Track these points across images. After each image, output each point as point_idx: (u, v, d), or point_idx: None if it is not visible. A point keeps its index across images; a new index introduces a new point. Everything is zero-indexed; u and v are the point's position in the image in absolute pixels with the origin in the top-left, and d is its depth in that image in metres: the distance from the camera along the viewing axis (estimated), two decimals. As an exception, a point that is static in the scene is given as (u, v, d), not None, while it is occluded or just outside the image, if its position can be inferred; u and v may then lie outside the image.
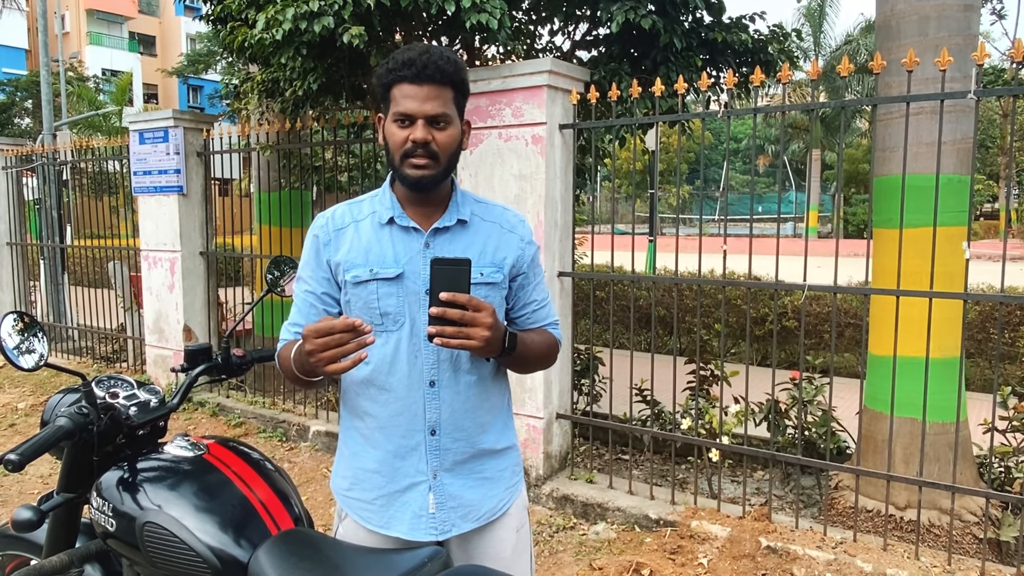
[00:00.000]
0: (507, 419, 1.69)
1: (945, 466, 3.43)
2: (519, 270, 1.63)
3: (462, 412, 1.57)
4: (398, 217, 1.55)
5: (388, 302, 1.53)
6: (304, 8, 3.73)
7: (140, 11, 42.82)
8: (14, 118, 27.98)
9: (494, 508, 1.64)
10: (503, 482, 1.66)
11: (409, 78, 1.45)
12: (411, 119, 1.47)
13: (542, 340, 1.65)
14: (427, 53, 1.46)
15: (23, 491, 4.29)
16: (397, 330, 1.54)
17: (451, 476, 1.58)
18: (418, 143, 1.46)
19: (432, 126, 1.47)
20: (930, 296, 3.14)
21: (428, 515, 1.57)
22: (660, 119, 3.88)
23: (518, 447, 1.73)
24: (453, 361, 1.56)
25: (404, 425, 1.56)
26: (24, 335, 1.59)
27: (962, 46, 3.38)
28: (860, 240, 20.81)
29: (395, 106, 1.48)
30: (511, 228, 1.64)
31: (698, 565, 3.26)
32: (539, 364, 1.68)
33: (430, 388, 1.55)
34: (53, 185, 7.82)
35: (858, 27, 28.35)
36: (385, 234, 1.55)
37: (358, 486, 1.61)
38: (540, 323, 1.68)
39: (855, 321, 7.05)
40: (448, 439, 1.57)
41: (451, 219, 1.57)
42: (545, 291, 1.71)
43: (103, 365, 7.02)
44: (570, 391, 4.27)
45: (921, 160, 3.39)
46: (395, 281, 1.53)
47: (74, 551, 1.69)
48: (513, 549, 1.67)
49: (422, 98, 1.45)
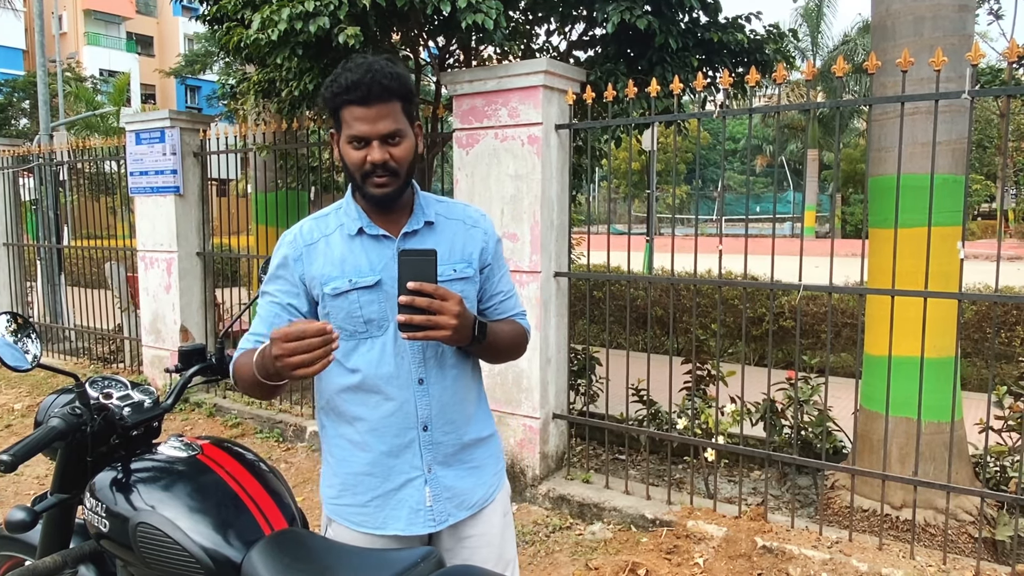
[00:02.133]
0: (486, 408, 1.77)
1: (941, 466, 3.43)
2: (485, 262, 1.68)
3: (450, 405, 1.63)
4: (367, 227, 1.59)
5: (370, 309, 1.56)
6: (300, 8, 3.73)
7: (138, 11, 42.78)
8: (11, 119, 27.93)
9: (484, 496, 1.70)
10: (489, 468, 1.72)
11: (357, 101, 1.47)
12: (365, 140, 1.49)
13: (511, 329, 1.70)
14: (370, 72, 1.46)
15: (19, 491, 4.29)
16: (382, 335, 1.58)
17: (444, 468, 1.64)
18: (377, 164, 1.49)
19: (387, 143, 1.50)
20: (925, 296, 3.14)
21: (426, 508, 1.61)
22: (656, 119, 3.88)
23: (498, 434, 1.80)
24: (439, 358, 1.60)
25: (397, 424, 1.59)
26: (17, 336, 1.59)
27: (957, 46, 3.39)
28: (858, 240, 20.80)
29: (347, 129, 1.50)
30: (474, 223, 1.69)
31: (694, 565, 3.27)
32: (509, 353, 1.73)
33: (419, 386, 1.59)
34: (50, 185, 7.81)
35: (856, 27, 28.41)
36: (357, 244, 1.59)
37: (348, 492, 1.64)
38: (508, 313, 1.74)
39: (852, 321, 7.05)
40: (439, 432, 1.62)
41: (418, 222, 1.61)
42: (510, 282, 1.77)
43: (100, 366, 7.01)
44: (567, 391, 4.27)
45: (916, 160, 3.40)
46: (374, 288, 1.57)
47: (68, 552, 1.69)
48: (501, 533, 1.73)
49: (372, 118, 1.48)
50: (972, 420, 3.70)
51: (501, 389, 4.05)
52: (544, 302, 4.00)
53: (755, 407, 3.97)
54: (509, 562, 1.74)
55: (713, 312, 6.84)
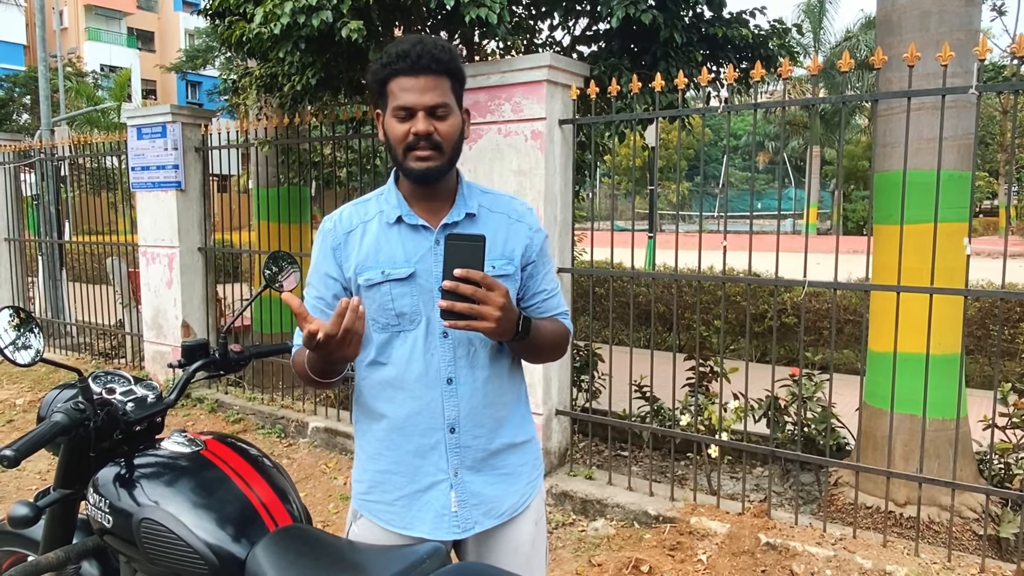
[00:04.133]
0: (525, 412, 1.68)
1: (945, 463, 3.42)
2: (528, 259, 1.61)
3: (480, 408, 1.55)
4: (406, 216, 1.53)
5: (403, 302, 1.51)
6: (302, 2, 3.71)
7: (138, 7, 42.75)
8: (12, 114, 27.92)
9: (515, 504, 1.62)
10: (524, 477, 1.64)
11: (405, 70, 1.44)
12: (411, 111, 1.45)
13: (554, 328, 1.62)
14: (421, 43, 1.44)
15: (20, 487, 4.29)
16: (413, 329, 1.52)
17: (472, 473, 1.56)
18: (420, 135, 1.44)
19: (433, 116, 1.45)
20: (930, 292, 3.13)
21: (451, 514, 1.55)
22: (660, 114, 3.86)
23: (537, 440, 1.72)
24: (470, 357, 1.54)
25: (423, 424, 1.54)
26: (20, 330, 1.57)
27: (963, 41, 3.37)
28: (859, 237, 20.81)
29: (393, 100, 1.46)
30: (519, 217, 1.62)
31: (697, 561, 3.26)
32: (551, 353, 1.65)
33: (447, 386, 1.53)
34: (51, 181, 7.80)
35: (858, 23, 28.34)
36: (394, 233, 1.53)
37: (377, 488, 1.59)
38: (550, 312, 1.66)
39: (854, 318, 7.04)
40: (468, 436, 1.55)
41: (459, 214, 1.54)
42: (555, 280, 1.69)
43: (101, 361, 7.01)
44: (569, 387, 4.26)
45: (922, 156, 3.38)
46: (407, 281, 1.51)
47: (71, 547, 1.68)
48: (532, 542, 1.66)
49: (420, 89, 1.44)
50: (976, 417, 3.69)
51: (504, 385, 4.04)
52: (547, 298, 3.98)
53: (758, 403, 3.96)
54: (535, 572, 1.67)
55: (715, 309, 6.83)
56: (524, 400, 1.68)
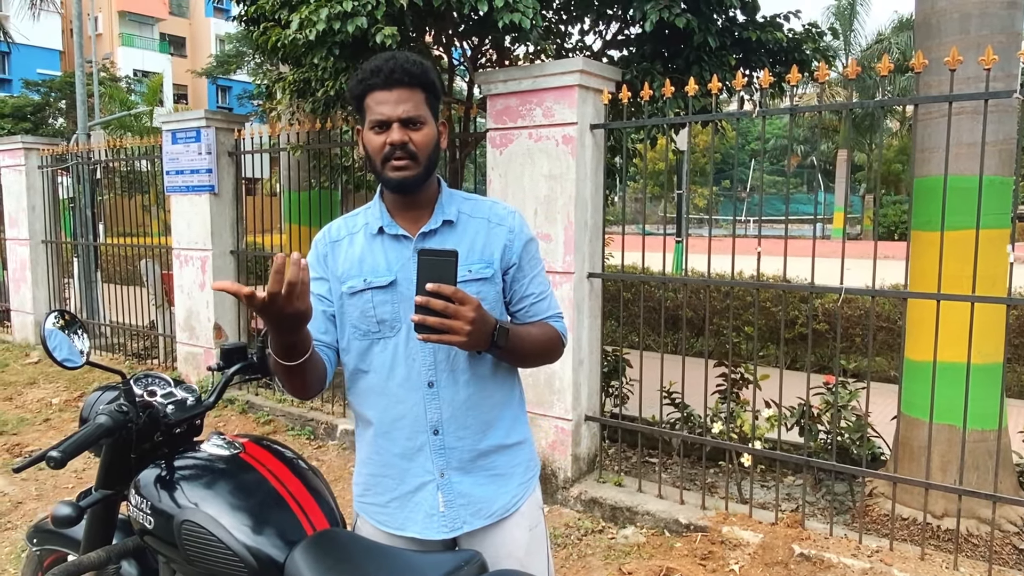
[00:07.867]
0: (517, 414, 1.70)
1: (984, 474, 3.35)
2: (509, 262, 1.63)
3: (463, 410, 1.59)
4: (387, 226, 1.59)
5: (384, 309, 1.56)
6: (338, 8, 3.74)
7: (171, 13, 43.43)
8: (48, 118, 28.49)
9: (506, 505, 1.64)
10: (515, 478, 1.66)
11: (379, 85, 1.50)
12: (386, 124, 1.50)
13: (540, 333, 1.63)
14: (393, 59, 1.50)
15: (57, 484, 4.36)
16: (394, 336, 1.57)
17: (460, 474, 1.60)
18: (396, 145, 1.49)
19: (407, 127, 1.50)
20: (972, 300, 3.06)
21: (439, 514, 1.59)
22: (693, 119, 3.83)
23: (532, 442, 1.74)
24: (450, 361, 1.57)
25: (407, 427, 1.59)
26: (66, 333, 1.60)
27: (1005, 44, 3.30)
28: (890, 242, 20.47)
29: (370, 115, 1.52)
30: (499, 221, 1.64)
31: (729, 571, 3.22)
32: (539, 359, 1.67)
33: (429, 389, 1.57)
34: (87, 184, 7.94)
35: (890, 26, 27.93)
36: (377, 243, 1.59)
37: (371, 491, 1.66)
38: (540, 316, 1.67)
39: (888, 325, 6.91)
40: (452, 438, 1.59)
41: (436, 222, 1.59)
42: (545, 283, 1.71)
43: (134, 361, 7.11)
44: (599, 393, 4.24)
45: (962, 161, 3.31)
46: (388, 288, 1.56)
47: (111, 547, 1.70)
48: (526, 549, 1.67)
49: (394, 102, 1.49)
50: (1015, 428, 3.61)
51: (533, 391, 4.03)
52: (577, 303, 3.97)
53: (790, 412, 3.90)
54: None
55: (744, 314, 6.76)
56: (517, 402, 1.70)
